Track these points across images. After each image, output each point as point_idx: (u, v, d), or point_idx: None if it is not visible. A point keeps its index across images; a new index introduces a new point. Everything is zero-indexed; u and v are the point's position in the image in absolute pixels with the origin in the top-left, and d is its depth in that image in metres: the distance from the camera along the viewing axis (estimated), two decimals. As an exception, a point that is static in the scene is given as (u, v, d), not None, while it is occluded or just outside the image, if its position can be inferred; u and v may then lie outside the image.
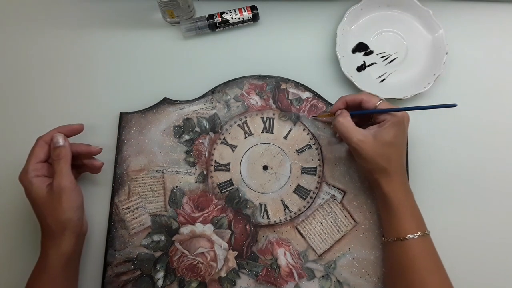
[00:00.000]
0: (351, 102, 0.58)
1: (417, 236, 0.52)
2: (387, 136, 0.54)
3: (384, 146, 0.54)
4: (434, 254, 0.54)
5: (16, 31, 0.69)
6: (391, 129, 0.54)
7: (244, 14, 0.67)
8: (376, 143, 0.54)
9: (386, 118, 0.55)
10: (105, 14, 0.69)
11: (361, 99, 0.57)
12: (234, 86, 0.65)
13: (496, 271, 0.60)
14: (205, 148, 0.63)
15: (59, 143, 0.55)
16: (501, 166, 0.64)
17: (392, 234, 0.54)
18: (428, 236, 0.54)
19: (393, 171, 0.54)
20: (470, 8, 0.69)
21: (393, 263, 0.55)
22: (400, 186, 0.55)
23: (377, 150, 0.54)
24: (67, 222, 0.53)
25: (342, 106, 0.58)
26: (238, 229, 0.60)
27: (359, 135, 0.54)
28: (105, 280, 0.58)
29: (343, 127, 0.55)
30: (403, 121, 0.55)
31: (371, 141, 0.54)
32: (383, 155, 0.54)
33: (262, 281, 0.59)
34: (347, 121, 0.55)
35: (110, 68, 0.67)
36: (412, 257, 0.52)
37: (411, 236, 0.52)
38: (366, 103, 0.56)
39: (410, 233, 0.53)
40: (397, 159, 0.55)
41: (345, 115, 0.56)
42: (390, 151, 0.54)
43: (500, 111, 0.66)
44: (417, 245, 0.53)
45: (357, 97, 0.57)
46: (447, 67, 0.65)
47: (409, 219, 0.54)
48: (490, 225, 0.62)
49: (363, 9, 0.68)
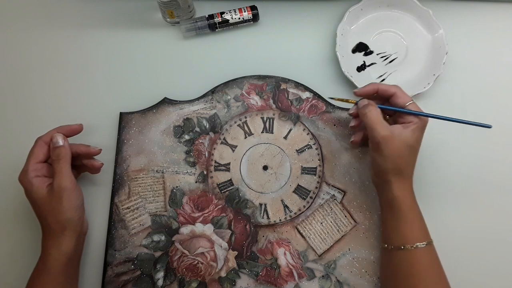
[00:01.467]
0: (382, 92, 0.56)
1: (425, 244, 0.51)
2: (411, 138, 0.53)
3: (406, 148, 0.52)
4: (439, 264, 0.53)
5: (16, 31, 0.69)
6: (416, 133, 0.53)
7: (244, 14, 0.67)
8: (400, 143, 0.52)
9: (414, 121, 0.53)
10: (105, 14, 0.69)
11: (394, 92, 0.55)
12: (234, 86, 0.65)
13: (500, 277, 0.60)
14: (205, 148, 0.63)
15: (59, 143, 0.55)
16: (502, 167, 0.64)
17: (398, 241, 0.52)
18: (433, 245, 0.53)
19: (407, 175, 0.54)
20: (470, 8, 0.69)
21: (395, 270, 0.53)
22: (410, 192, 0.54)
23: (399, 150, 0.52)
24: (67, 222, 0.53)
25: (372, 92, 0.56)
26: (238, 229, 0.60)
27: (387, 131, 0.52)
28: (105, 280, 0.59)
29: (373, 118, 0.53)
30: (425, 127, 0.54)
31: (395, 139, 0.52)
32: (403, 157, 0.53)
33: (262, 281, 0.59)
34: (378, 113, 0.54)
35: (110, 68, 0.67)
36: (418, 266, 0.51)
37: (420, 245, 0.51)
38: (398, 98, 0.55)
39: (419, 241, 0.51)
40: (413, 164, 0.54)
41: (376, 108, 0.54)
42: (410, 154, 0.53)
43: (500, 111, 0.66)
44: (424, 254, 0.51)
45: (390, 88, 0.55)
46: (447, 67, 0.65)
47: (418, 227, 0.53)
48: (490, 225, 0.61)
49: (363, 9, 0.68)
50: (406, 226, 0.52)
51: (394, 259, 0.53)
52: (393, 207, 0.53)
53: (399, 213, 0.53)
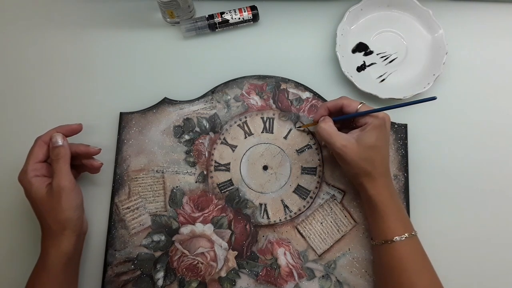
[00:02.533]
0: (332, 107, 0.57)
1: (404, 237, 0.53)
2: (370, 139, 0.54)
3: (367, 150, 0.53)
4: (422, 255, 0.54)
5: (16, 31, 0.69)
6: (373, 132, 0.54)
7: (244, 14, 0.67)
8: (359, 147, 0.53)
9: (368, 121, 0.55)
10: (105, 14, 0.69)
11: (341, 103, 0.56)
12: (234, 86, 0.65)
13: (493, 272, 0.60)
14: (205, 148, 0.63)
15: (58, 142, 0.55)
16: (501, 167, 0.64)
17: (379, 237, 0.54)
18: (415, 237, 0.54)
19: (378, 174, 0.54)
20: (470, 8, 0.69)
21: (382, 265, 0.55)
22: (384, 189, 0.55)
23: (361, 154, 0.53)
24: (67, 221, 0.53)
25: (325, 112, 0.58)
26: (238, 229, 0.60)
27: (342, 140, 0.54)
28: (105, 280, 0.59)
29: (325, 133, 0.55)
30: (384, 123, 0.55)
31: (354, 145, 0.53)
32: (367, 158, 0.54)
33: (262, 281, 0.59)
34: (329, 127, 0.55)
35: (110, 68, 0.67)
36: (400, 258, 0.53)
37: (398, 238, 0.53)
38: (347, 107, 0.56)
39: (397, 235, 0.53)
40: (381, 162, 0.55)
41: (327, 121, 0.56)
42: (374, 154, 0.54)
43: (500, 111, 0.66)
44: (405, 247, 0.53)
45: (337, 102, 0.57)
46: (447, 67, 0.65)
47: (395, 221, 0.54)
48: (488, 225, 0.62)
49: (363, 9, 0.68)
50: (383, 222, 0.54)
51: (379, 254, 0.55)
52: (371, 205, 0.55)
53: (376, 210, 0.54)
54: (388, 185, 0.56)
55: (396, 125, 0.64)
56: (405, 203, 0.61)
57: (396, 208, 0.55)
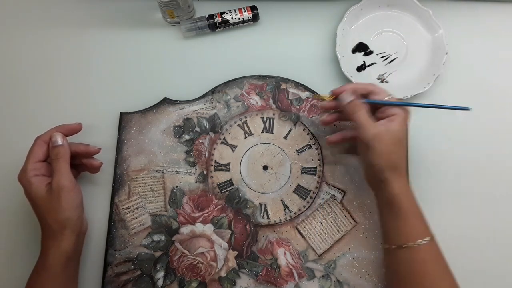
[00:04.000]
0: (360, 91, 0.55)
1: (427, 240, 0.50)
2: (399, 132, 0.52)
3: (397, 143, 0.51)
4: (443, 258, 0.52)
5: (16, 31, 0.69)
6: (403, 125, 0.52)
7: (244, 14, 0.67)
8: (389, 138, 0.51)
9: (397, 113, 0.52)
10: (105, 14, 0.69)
11: (371, 90, 0.54)
12: (234, 86, 0.65)
13: (494, 271, 0.60)
14: (205, 148, 0.63)
15: (58, 142, 0.55)
16: (501, 166, 0.64)
17: (400, 240, 0.51)
18: (434, 240, 0.52)
19: (403, 170, 0.52)
20: (470, 8, 0.69)
21: (401, 270, 0.52)
22: (408, 187, 0.53)
23: (391, 146, 0.51)
24: (66, 221, 0.53)
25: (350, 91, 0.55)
26: (238, 229, 0.60)
27: (375, 129, 0.51)
28: (105, 280, 0.58)
29: (362, 118, 0.52)
30: (408, 119, 0.53)
31: (386, 136, 0.51)
32: (396, 152, 0.51)
33: (262, 281, 0.59)
34: (365, 114, 0.52)
35: (110, 68, 0.67)
36: (422, 262, 0.50)
37: (422, 241, 0.50)
38: (376, 95, 0.54)
39: (420, 238, 0.50)
40: (405, 158, 0.53)
41: (362, 107, 0.53)
42: (401, 148, 0.52)
43: (500, 111, 0.66)
44: (427, 250, 0.50)
45: (367, 86, 0.55)
46: (447, 67, 0.65)
47: (419, 223, 0.51)
48: (490, 225, 0.62)
49: (363, 9, 0.68)
50: (407, 224, 0.51)
51: (397, 258, 0.52)
52: (393, 205, 0.51)
53: (399, 211, 0.51)
54: (409, 183, 0.53)
55: (396, 125, 0.64)
56: (405, 203, 0.61)
57: (418, 209, 0.52)
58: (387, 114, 0.53)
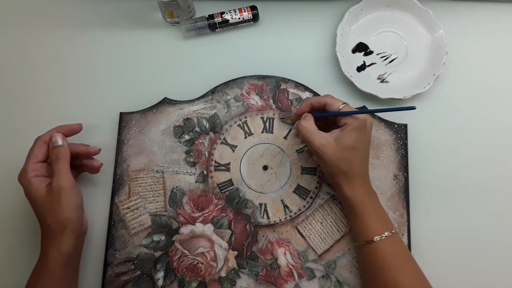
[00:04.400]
0: (316, 104, 0.58)
1: (384, 237, 0.53)
2: (348, 140, 0.53)
3: (346, 150, 0.53)
4: (404, 253, 0.54)
5: (16, 31, 0.69)
6: (353, 133, 0.54)
7: (244, 14, 0.67)
8: (337, 147, 0.53)
9: (348, 122, 0.54)
10: (105, 14, 0.69)
11: (325, 101, 0.57)
12: (234, 86, 0.65)
13: (493, 271, 0.60)
14: (205, 148, 0.63)
15: (58, 142, 0.55)
16: (501, 166, 0.64)
17: (360, 238, 0.54)
18: (396, 235, 0.54)
19: (355, 175, 0.54)
20: (470, 8, 0.69)
21: (366, 266, 0.55)
22: (362, 189, 0.55)
23: (339, 154, 0.53)
24: (66, 221, 0.53)
25: (307, 108, 0.58)
26: (238, 229, 0.60)
27: (321, 139, 0.54)
28: (105, 280, 0.59)
29: (305, 130, 0.55)
30: (365, 125, 0.54)
31: (332, 145, 0.53)
32: (345, 159, 0.54)
33: (262, 281, 0.59)
34: (310, 125, 0.55)
35: (110, 68, 0.67)
36: (382, 258, 0.53)
37: (378, 238, 0.53)
38: (330, 106, 0.56)
39: (377, 235, 0.53)
40: (358, 163, 0.55)
41: (308, 119, 0.56)
42: (352, 155, 0.54)
43: (500, 111, 0.66)
44: (386, 246, 0.53)
45: (321, 99, 0.57)
46: (447, 67, 0.65)
47: (374, 221, 0.54)
48: (488, 225, 0.62)
49: (363, 9, 0.68)
50: (362, 222, 0.54)
51: (363, 255, 0.55)
52: (349, 206, 0.55)
53: (354, 211, 0.54)
54: (366, 185, 0.56)
55: (396, 125, 0.64)
56: (405, 203, 0.61)
57: (374, 208, 0.55)
58: (341, 124, 0.56)
